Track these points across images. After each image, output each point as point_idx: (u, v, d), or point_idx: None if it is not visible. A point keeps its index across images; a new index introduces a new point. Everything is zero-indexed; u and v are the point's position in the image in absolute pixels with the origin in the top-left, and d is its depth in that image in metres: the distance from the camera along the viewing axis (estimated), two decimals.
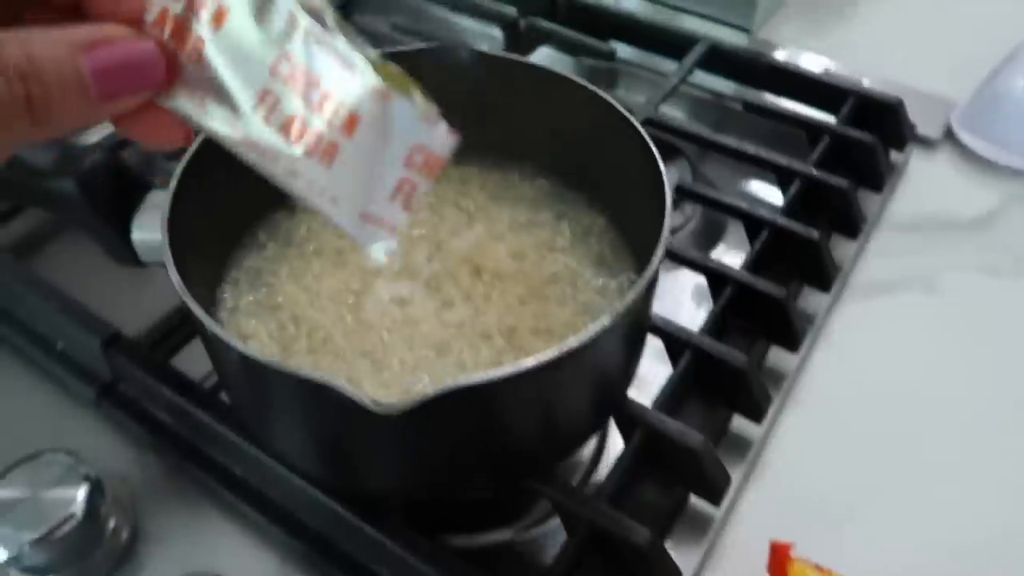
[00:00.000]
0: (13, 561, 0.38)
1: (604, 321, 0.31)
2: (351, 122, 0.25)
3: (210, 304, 0.41)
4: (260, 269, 0.43)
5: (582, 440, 0.40)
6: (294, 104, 0.25)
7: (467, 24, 0.74)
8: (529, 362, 0.29)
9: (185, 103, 0.25)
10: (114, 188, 0.38)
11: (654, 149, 0.37)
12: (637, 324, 0.35)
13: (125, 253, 0.39)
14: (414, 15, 0.73)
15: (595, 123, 0.43)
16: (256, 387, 0.34)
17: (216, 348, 0.34)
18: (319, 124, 0.25)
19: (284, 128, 0.25)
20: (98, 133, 0.53)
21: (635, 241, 0.44)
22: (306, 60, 0.25)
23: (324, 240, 0.45)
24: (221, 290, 0.42)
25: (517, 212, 0.46)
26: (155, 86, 0.24)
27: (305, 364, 0.38)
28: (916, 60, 0.70)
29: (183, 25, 0.24)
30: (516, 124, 0.47)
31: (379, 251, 0.27)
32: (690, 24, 0.71)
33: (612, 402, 0.39)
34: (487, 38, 0.71)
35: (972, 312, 0.52)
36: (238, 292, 0.42)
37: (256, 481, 0.41)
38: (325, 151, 0.25)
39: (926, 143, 0.63)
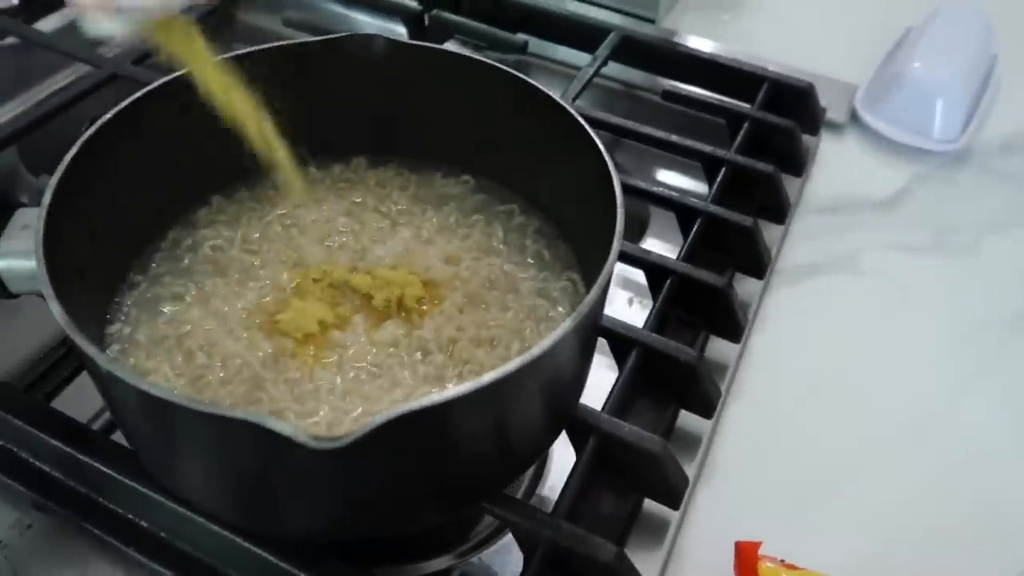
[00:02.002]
0: None
1: (566, 326, 0.28)
2: None
3: (98, 339, 0.36)
4: (158, 296, 0.38)
5: (538, 455, 0.37)
6: None
7: (365, 20, 0.70)
8: (489, 376, 0.26)
9: None
10: None
11: (599, 143, 0.35)
12: (591, 327, 0.33)
13: None
14: (306, 10, 0.69)
15: (521, 111, 0.41)
16: (164, 430, 0.29)
17: (112, 389, 0.29)
18: None
19: None
20: None
21: (573, 237, 0.42)
22: None
23: (230, 257, 0.40)
24: (111, 323, 0.37)
25: (444, 214, 0.43)
26: None
27: (220, 398, 0.33)
28: (815, 46, 0.71)
29: None
30: (435, 119, 0.44)
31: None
32: (594, 15, 0.69)
33: (567, 411, 0.36)
34: (388, 34, 0.67)
35: (896, 288, 0.53)
36: (133, 323, 0.37)
37: (167, 533, 0.36)
38: None
39: (833, 127, 0.64)
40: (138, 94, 0.37)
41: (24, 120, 0.53)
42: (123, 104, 0.36)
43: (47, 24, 0.68)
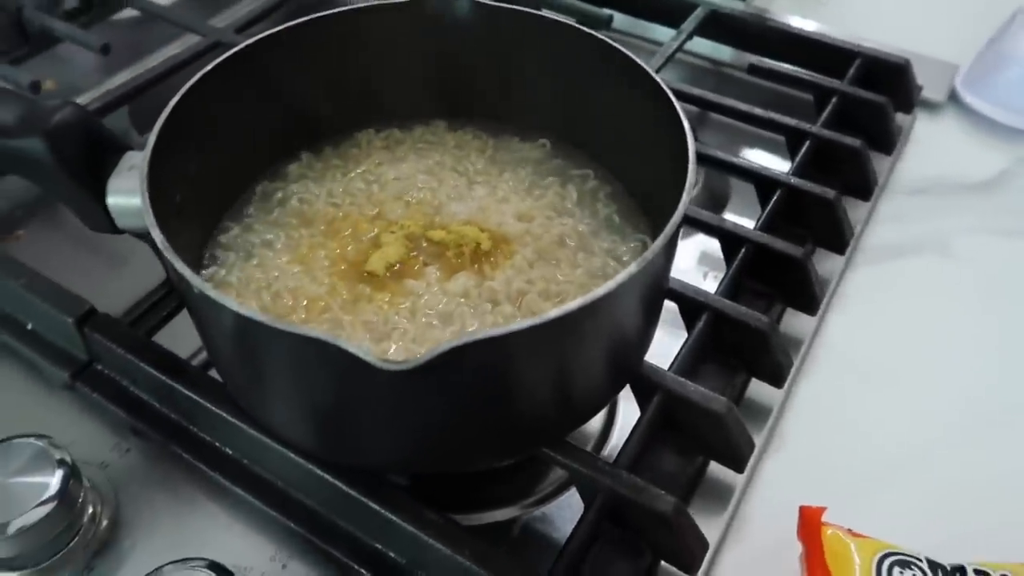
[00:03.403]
0: None
1: (631, 270, 0.28)
2: None
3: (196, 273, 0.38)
4: (249, 242, 0.40)
5: (599, 406, 0.37)
6: None
7: None
8: (550, 314, 0.27)
9: None
10: (86, 148, 0.35)
11: (677, 106, 0.35)
12: (656, 284, 0.33)
13: (100, 219, 0.36)
14: None
15: (605, 77, 0.41)
16: (250, 353, 0.31)
17: (206, 312, 0.31)
18: None
19: None
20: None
21: (646, 203, 0.42)
22: None
23: (316, 209, 0.42)
24: (206, 266, 0.40)
25: (520, 175, 0.44)
26: None
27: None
28: (913, 26, 0.69)
29: None
30: (516, 82, 0.45)
31: None
32: None
33: (630, 367, 0.36)
34: None
35: (986, 273, 0.51)
36: (227, 266, 0.39)
37: (249, 461, 0.38)
38: None
39: (930, 106, 0.61)
40: (232, 50, 0.40)
41: (132, 84, 0.57)
42: (220, 58, 0.38)
43: None
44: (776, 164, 0.59)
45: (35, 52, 0.64)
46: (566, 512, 0.40)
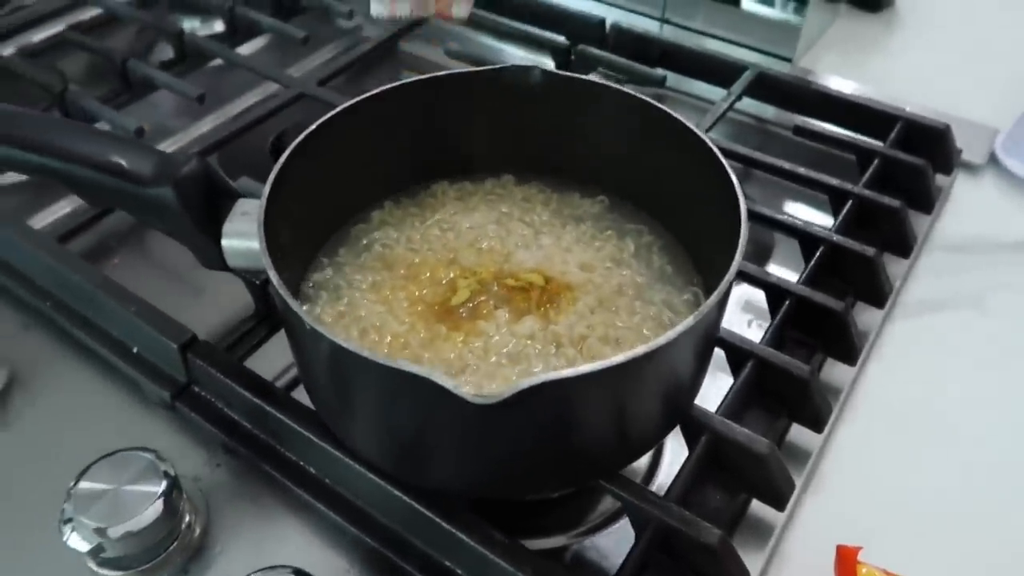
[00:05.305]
0: (93, 552, 0.39)
1: (688, 322, 0.32)
2: None
3: None
4: (339, 283, 0.45)
5: (652, 443, 0.41)
6: None
7: (517, 52, 0.77)
8: (617, 359, 0.31)
9: None
10: (206, 197, 0.40)
11: (729, 169, 0.39)
12: (709, 335, 0.37)
13: (214, 258, 0.41)
14: (465, 43, 0.76)
15: (659, 139, 0.45)
16: (348, 383, 0.35)
17: (311, 346, 0.35)
18: None
19: None
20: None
21: (697, 256, 0.46)
22: None
23: (396, 254, 0.46)
24: (303, 302, 0.44)
25: (581, 228, 0.48)
26: None
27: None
28: (954, 89, 0.72)
29: None
30: (578, 143, 0.49)
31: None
32: (732, 52, 0.73)
33: (681, 408, 0.40)
34: (538, 65, 0.73)
35: (1020, 329, 0.53)
36: (321, 304, 0.44)
37: (330, 479, 0.42)
38: None
39: (970, 168, 0.64)
40: (334, 111, 0.44)
41: (226, 130, 0.63)
42: (326, 116, 0.43)
43: (246, 48, 0.79)
44: (818, 217, 0.62)
45: (134, 99, 0.71)
46: (613, 543, 0.43)
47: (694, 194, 0.44)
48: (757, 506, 0.43)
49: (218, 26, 0.81)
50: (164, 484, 0.40)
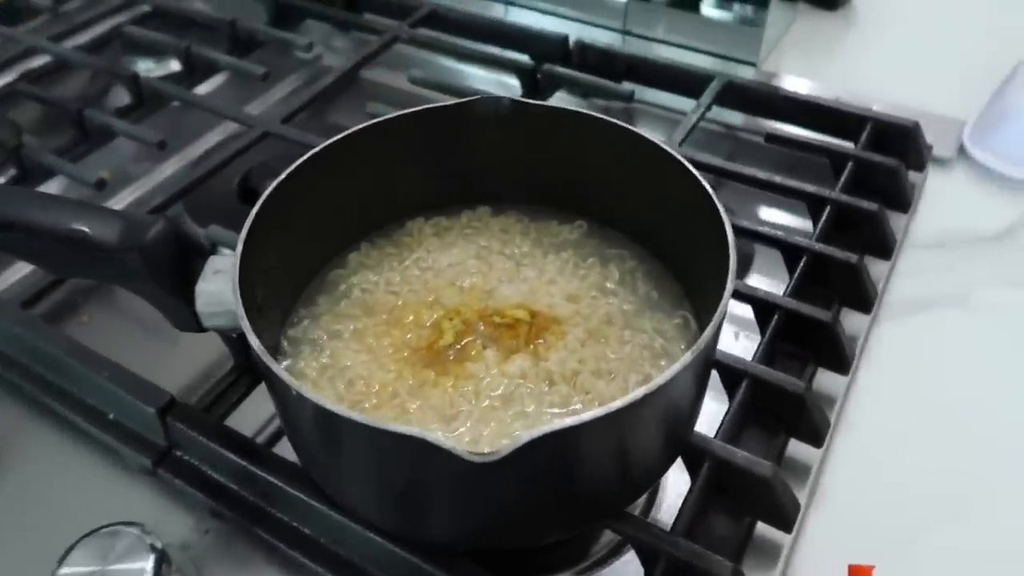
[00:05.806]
0: None
1: (685, 359, 0.31)
2: None
3: None
4: (319, 335, 0.43)
5: (656, 478, 0.40)
6: None
7: (482, 74, 0.76)
8: (617, 404, 0.30)
9: None
10: (176, 258, 0.39)
11: (709, 188, 0.38)
12: (706, 364, 0.36)
13: (187, 321, 0.40)
14: (428, 69, 0.75)
15: (631, 159, 0.44)
16: (338, 445, 0.34)
17: (297, 409, 0.34)
18: None
19: None
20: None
21: (683, 277, 0.45)
22: None
23: (376, 299, 0.45)
24: (283, 358, 0.43)
25: (562, 257, 0.47)
26: None
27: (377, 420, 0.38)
28: (917, 82, 0.72)
29: None
30: (554, 170, 0.48)
31: None
32: (694, 61, 0.73)
33: (682, 438, 0.39)
34: (503, 87, 0.73)
35: (1007, 324, 0.53)
36: (303, 358, 0.42)
37: (326, 539, 0.41)
38: None
39: (940, 162, 0.64)
40: (301, 160, 0.43)
41: (190, 177, 0.61)
42: (292, 167, 0.42)
43: (204, 87, 0.77)
44: (795, 221, 0.62)
45: (93, 148, 0.69)
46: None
47: (674, 213, 0.43)
48: (763, 527, 0.42)
49: (174, 65, 0.79)
50: (152, 560, 0.38)
